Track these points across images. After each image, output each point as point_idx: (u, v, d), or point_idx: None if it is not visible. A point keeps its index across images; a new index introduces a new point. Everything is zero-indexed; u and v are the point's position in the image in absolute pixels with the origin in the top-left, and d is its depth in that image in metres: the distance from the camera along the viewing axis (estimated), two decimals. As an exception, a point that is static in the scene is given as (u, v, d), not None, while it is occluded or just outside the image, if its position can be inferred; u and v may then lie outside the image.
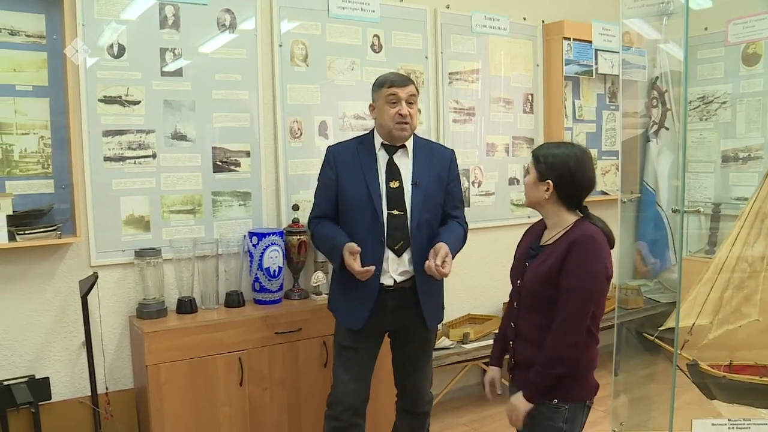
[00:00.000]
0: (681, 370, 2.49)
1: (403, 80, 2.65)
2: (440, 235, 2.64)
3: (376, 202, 2.62)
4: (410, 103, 2.63)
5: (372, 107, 2.72)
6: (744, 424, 2.01)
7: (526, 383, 2.13)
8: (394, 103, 2.60)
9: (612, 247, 2.13)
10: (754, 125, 4.34)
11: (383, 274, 2.64)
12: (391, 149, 2.70)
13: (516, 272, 2.27)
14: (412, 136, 2.72)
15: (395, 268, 2.64)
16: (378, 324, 2.68)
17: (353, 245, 2.54)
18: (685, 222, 4.41)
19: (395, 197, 2.64)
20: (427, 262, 2.53)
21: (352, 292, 2.65)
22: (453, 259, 2.60)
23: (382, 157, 2.70)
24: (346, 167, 2.69)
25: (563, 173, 2.12)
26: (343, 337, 2.74)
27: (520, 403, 2.13)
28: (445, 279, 2.65)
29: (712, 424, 1.99)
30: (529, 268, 2.19)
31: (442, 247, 2.53)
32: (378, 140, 2.71)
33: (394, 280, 2.65)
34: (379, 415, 3.15)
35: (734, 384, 2.52)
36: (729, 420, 2.02)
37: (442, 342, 3.73)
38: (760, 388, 2.50)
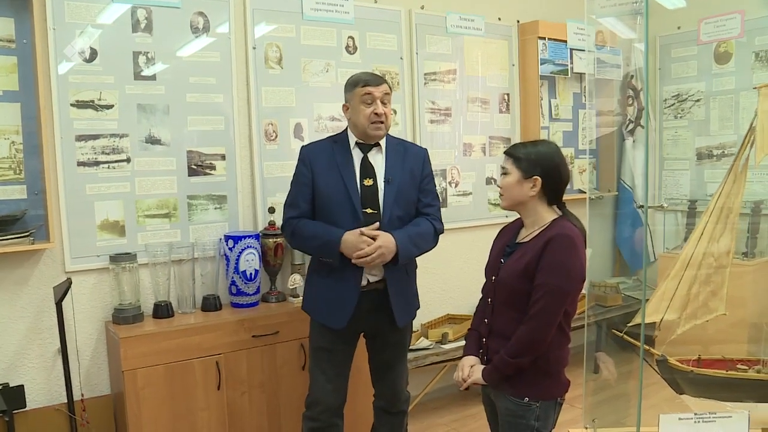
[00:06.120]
0: (650, 365, 2.52)
1: (377, 79, 2.65)
2: (402, 229, 2.65)
3: (355, 201, 2.62)
4: (384, 102, 2.64)
5: (345, 107, 2.71)
6: (710, 417, 2.05)
7: (490, 362, 2.18)
8: (369, 102, 2.61)
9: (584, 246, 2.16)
10: (727, 122, 4.40)
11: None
12: (365, 147, 2.70)
13: (491, 269, 2.28)
14: (385, 135, 2.73)
15: (369, 269, 2.64)
16: (354, 324, 2.68)
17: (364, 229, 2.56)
18: (662, 219, 4.47)
19: (369, 195, 2.65)
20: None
21: (336, 290, 2.65)
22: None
23: (356, 155, 2.70)
24: (322, 166, 2.69)
25: (549, 168, 2.15)
26: (318, 338, 2.75)
27: (477, 372, 2.19)
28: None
29: (679, 419, 2.03)
30: (505, 264, 2.20)
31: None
32: (352, 139, 2.71)
33: (368, 280, 2.66)
34: (358, 415, 3.16)
35: (701, 378, 2.56)
36: (696, 414, 2.05)
37: (421, 342, 3.73)
38: (726, 381, 2.55)
